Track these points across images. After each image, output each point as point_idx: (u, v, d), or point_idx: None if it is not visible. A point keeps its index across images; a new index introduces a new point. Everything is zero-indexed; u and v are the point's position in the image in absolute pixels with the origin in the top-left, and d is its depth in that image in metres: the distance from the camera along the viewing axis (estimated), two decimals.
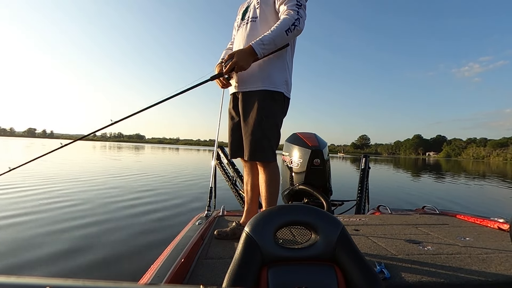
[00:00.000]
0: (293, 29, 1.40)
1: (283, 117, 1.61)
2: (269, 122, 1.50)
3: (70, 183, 6.56)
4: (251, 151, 1.51)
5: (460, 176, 16.62)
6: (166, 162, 17.58)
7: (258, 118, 1.48)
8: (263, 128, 1.48)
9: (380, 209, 2.62)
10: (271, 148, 1.52)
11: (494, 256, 1.33)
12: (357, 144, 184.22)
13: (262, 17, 1.54)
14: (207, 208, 2.00)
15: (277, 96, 1.52)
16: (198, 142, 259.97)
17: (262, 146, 1.49)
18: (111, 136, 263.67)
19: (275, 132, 1.54)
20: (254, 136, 1.49)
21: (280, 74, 1.53)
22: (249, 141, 1.51)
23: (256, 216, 0.74)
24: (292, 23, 1.40)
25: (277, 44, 1.42)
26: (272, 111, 1.51)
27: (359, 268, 0.69)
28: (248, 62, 1.42)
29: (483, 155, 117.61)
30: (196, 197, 5.73)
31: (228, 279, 0.65)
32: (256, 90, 1.51)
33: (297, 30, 1.42)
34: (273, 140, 1.53)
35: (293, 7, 1.42)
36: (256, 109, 1.49)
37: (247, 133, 1.52)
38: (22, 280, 0.31)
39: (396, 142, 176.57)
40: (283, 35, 1.40)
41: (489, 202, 7.57)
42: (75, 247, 2.82)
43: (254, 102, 1.51)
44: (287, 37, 1.41)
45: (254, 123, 1.49)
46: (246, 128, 1.53)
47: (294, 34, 1.43)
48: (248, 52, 1.41)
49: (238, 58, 1.41)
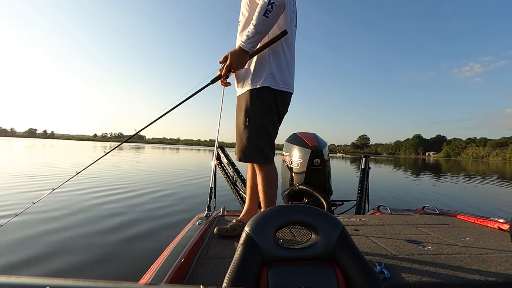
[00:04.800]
0: (271, 8, 1.34)
1: (274, 115, 1.55)
2: (255, 123, 1.49)
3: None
4: (238, 153, 1.55)
5: (460, 176, 16.62)
6: (174, 162, 17.57)
7: (244, 121, 1.50)
8: (248, 130, 1.49)
9: (380, 209, 2.62)
10: (261, 150, 1.50)
11: (494, 256, 1.33)
12: (357, 144, 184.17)
13: (245, 16, 1.56)
14: (207, 208, 2.00)
15: (260, 93, 1.49)
16: (199, 142, 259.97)
17: (249, 149, 1.50)
18: (111, 136, 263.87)
19: (263, 133, 1.51)
20: (241, 139, 1.52)
21: (261, 68, 1.50)
22: (237, 144, 1.56)
23: (256, 216, 0.74)
24: (267, 3, 1.34)
25: (262, 32, 1.39)
26: (257, 111, 1.49)
27: (359, 268, 0.69)
28: (241, 60, 1.44)
29: (482, 154, 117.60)
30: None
31: (228, 279, 0.65)
32: (243, 92, 1.54)
33: (276, 6, 1.35)
34: (262, 141, 1.50)
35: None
36: (243, 111, 1.52)
37: (236, 135, 1.57)
38: (22, 280, 0.31)
39: (396, 142, 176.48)
40: (264, 19, 1.35)
41: (488, 202, 7.56)
42: (80, 244, 2.82)
43: (242, 104, 1.54)
44: (269, 19, 1.36)
45: (241, 125, 1.52)
46: (236, 130, 1.58)
47: (275, 13, 1.36)
48: (239, 52, 1.43)
49: (231, 59, 1.45)
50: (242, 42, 1.41)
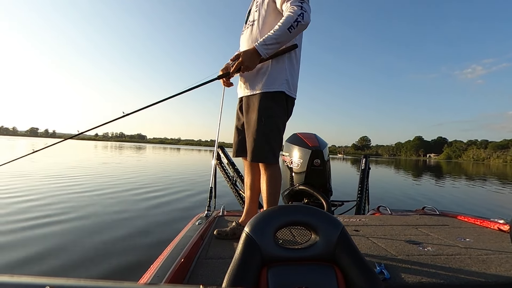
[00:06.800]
0: (296, 26, 1.38)
1: (285, 118, 1.60)
2: (270, 124, 1.51)
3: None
4: (252, 153, 1.53)
5: (460, 178, 16.60)
6: (174, 162, 17.59)
7: (259, 120, 1.50)
8: (263, 130, 1.50)
9: (380, 210, 2.62)
10: (272, 150, 1.52)
11: (494, 257, 1.33)
12: (358, 145, 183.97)
13: (261, 19, 1.56)
14: (207, 208, 2.00)
15: (277, 96, 1.52)
16: (199, 142, 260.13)
17: (262, 148, 1.51)
18: (112, 135, 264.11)
19: (276, 133, 1.54)
20: (254, 138, 1.51)
21: (279, 73, 1.53)
22: (250, 143, 1.53)
23: (256, 216, 0.74)
24: (294, 20, 1.38)
25: (280, 43, 1.42)
26: (273, 112, 1.51)
27: (359, 268, 0.69)
28: (253, 62, 1.44)
29: (483, 157, 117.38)
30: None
31: (228, 279, 0.65)
32: (257, 93, 1.53)
33: (301, 25, 1.39)
34: (274, 142, 1.53)
35: (295, 3, 1.41)
36: (256, 112, 1.51)
37: (249, 135, 1.55)
38: (22, 279, 0.31)
39: (397, 143, 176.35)
40: (286, 32, 1.39)
41: (489, 203, 7.55)
42: (80, 240, 2.82)
43: (255, 105, 1.53)
44: (291, 34, 1.40)
45: (255, 125, 1.51)
46: (248, 130, 1.56)
47: (298, 30, 1.41)
48: (252, 52, 1.42)
49: (244, 59, 1.43)
50: (258, 45, 1.41)
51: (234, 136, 1.72)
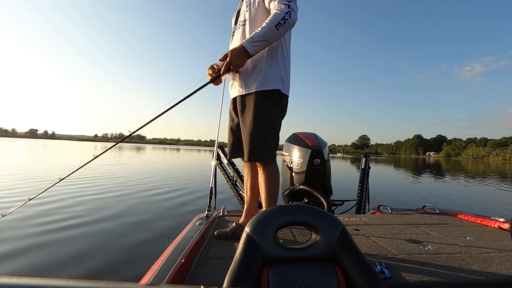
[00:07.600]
0: (283, 23, 1.40)
1: (281, 116, 1.61)
2: (266, 122, 1.51)
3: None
4: (250, 153, 1.53)
5: (460, 175, 16.61)
6: (174, 163, 17.57)
7: (255, 119, 1.50)
8: (260, 129, 1.50)
9: (381, 209, 2.63)
10: (269, 148, 1.53)
11: (494, 256, 1.33)
12: (358, 144, 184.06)
13: (251, 19, 1.57)
14: (208, 208, 2.00)
15: (272, 95, 1.53)
16: (199, 142, 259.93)
17: (259, 147, 1.51)
18: (112, 136, 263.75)
19: (272, 132, 1.54)
20: (251, 138, 1.52)
21: (274, 71, 1.54)
22: (247, 142, 1.54)
23: (256, 216, 0.74)
24: (282, 17, 1.39)
25: (268, 40, 1.43)
26: (268, 111, 1.52)
27: (359, 268, 0.69)
28: (241, 60, 1.45)
29: (482, 155, 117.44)
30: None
31: (228, 279, 0.65)
32: (252, 92, 1.54)
33: (288, 23, 1.41)
34: (271, 140, 1.54)
35: (283, 1, 1.42)
36: (252, 111, 1.52)
37: (245, 134, 1.55)
38: (22, 280, 0.31)
39: (397, 142, 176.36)
40: (273, 30, 1.40)
41: (489, 201, 7.56)
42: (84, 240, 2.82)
43: (250, 104, 1.53)
44: (278, 31, 1.41)
45: (251, 125, 1.51)
46: (244, 129, 1.56)
47: (285, 28, 1.42)
48: (240, 50, 1.43)
49: (231, 57, 1.45)
50: (246, 42, 1.42)
51: (229, 137, 1.72)
